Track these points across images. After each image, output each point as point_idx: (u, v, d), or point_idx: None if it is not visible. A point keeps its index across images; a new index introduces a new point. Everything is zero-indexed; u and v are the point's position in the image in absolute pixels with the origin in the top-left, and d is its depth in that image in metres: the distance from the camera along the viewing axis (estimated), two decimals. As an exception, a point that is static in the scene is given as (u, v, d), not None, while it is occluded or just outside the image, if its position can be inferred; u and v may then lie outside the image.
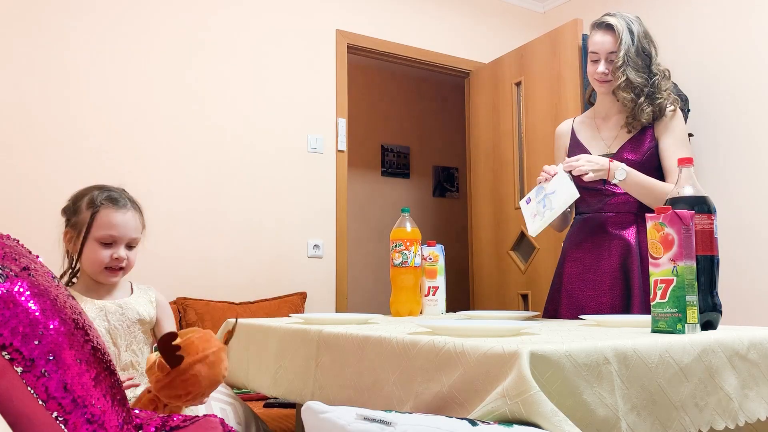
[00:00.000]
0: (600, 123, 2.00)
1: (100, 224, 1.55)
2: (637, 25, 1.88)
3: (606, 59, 1.87)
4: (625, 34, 1.84)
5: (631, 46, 1.84)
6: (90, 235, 1.55)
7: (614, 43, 1.85)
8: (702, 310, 1.21)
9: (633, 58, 1.83)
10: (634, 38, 1.85)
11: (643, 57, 1.86)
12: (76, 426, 0.82)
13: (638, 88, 1.85)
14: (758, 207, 3.13)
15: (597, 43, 1.89)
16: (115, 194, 1.62)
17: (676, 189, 1.29)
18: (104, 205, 1.57)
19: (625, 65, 1.83)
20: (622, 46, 1.83)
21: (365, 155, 5.34)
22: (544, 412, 0.82)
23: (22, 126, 2.71)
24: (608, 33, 1.87)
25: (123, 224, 1.58)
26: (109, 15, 2.94)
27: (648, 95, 1.86)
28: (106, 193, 1.60)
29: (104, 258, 1.55)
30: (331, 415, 0.81)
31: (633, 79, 1.83)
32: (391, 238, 1.86)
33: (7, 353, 0.81)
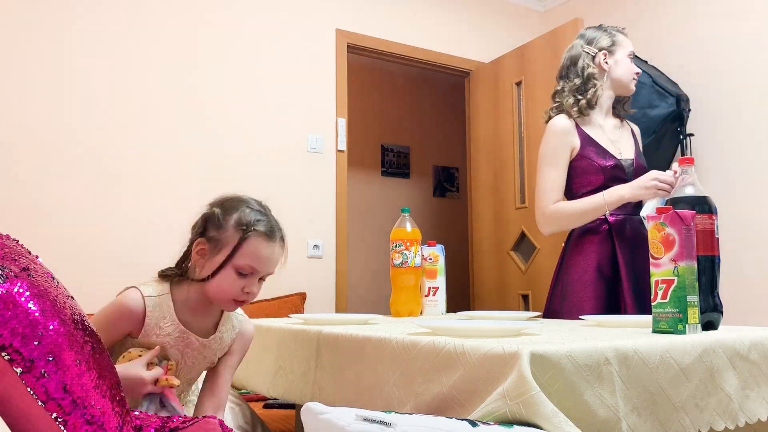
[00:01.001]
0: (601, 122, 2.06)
1: (246, 253, 1.35)
2: None
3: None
4: None
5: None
6: (231, 260, 1.35)
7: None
8: (703, 310, 1.21)
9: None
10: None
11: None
12: (76, 427, 0.82)
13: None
14: (759, 207, 3.13)
15: (629, 45, 2.08)
16: (269, 222, 1.43)
17: (677, 189, 1.29)
18: (256, 233, 1.38)
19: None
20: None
21: (365, 155, 5.34)
22: (545, 412, 0.82)
23: (21, 127, 2.71)
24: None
25: (269, 259, 1.39)
26: (109, 15, 2.94)
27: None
28: (259, 217, 1.42)
29: (237, 289, 1.34)
30: (330, 416, 0.81)
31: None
32: (391, 238, 1.86)
33: (6, 354, 0.81)
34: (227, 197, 1.49)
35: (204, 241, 1.39)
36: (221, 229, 1.38)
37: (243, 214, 1.41)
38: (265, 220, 1.42)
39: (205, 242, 1.39)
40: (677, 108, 3.27)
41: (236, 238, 1.36)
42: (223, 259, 1.35)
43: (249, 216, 1.40)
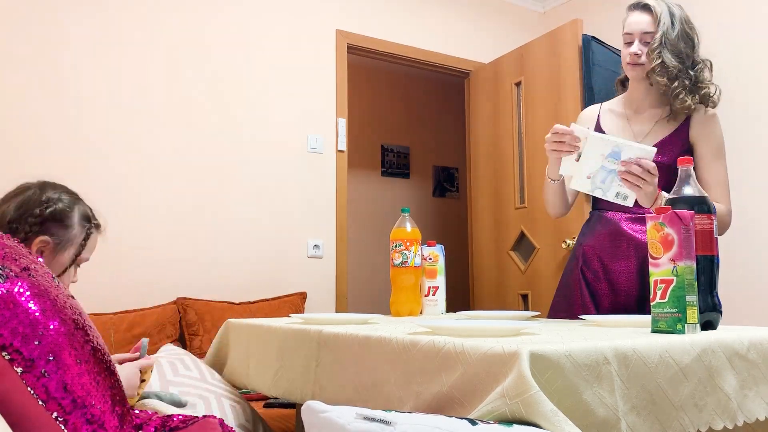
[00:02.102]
0: (631, 115, 1.85)
1: (89, 247, 1.41)
2: (680, 10, 1.74)
3: (640, 40, 1.73)
4: (664, 15, 1.70)
5: (670, 27, 1.70)
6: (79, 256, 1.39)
7: (651, 23, 1.71)
8: (702, 310, 1.21)
9: (672, 41, 1.70)
10: (675, 21, 1.71)
11: (685, 41, 1.72)
12: (76, 426, 0.83)
13: (674, 74, 1.70)
14: (758, 207, 3.13)
15: (631, 24, 1.75)
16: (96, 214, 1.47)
17: (676, 189, 1.29)
18: (96, 227, 1.43)
19: (661, 47, 1.69)
20: (660, 26, 1.70)
21: (365, 155, 5.34)
22: (544, 412, 0.82)
23: (24, 125, 2.71)
24: (645, 13, 1.74)
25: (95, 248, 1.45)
26: (110, 16, 2.94)
27: (690, 82, 1.72)
28: (91, 211, 1.45)
29: (72, 282, 1.39)
30: (330, 415, 0.81)
31: (669, 62, 1.69)
32: (391, 238, 1.86)
33: (7, 354, 0.81)
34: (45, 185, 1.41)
35: (47, 239, 1.34)
36: (69, 227, 1.36)
37: (82, 207, 1.40)
38: (92, 211, 1.43)
39: (49, 240, 1.34)
40: (677, 108, 3.27)
41: (83, 234, 1.37)
42: (73, 257, 1.36)
43: (86, 209, 1.41)
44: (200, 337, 2.78)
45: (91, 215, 1.44)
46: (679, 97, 1.70)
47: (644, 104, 1.82)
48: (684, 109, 1.72)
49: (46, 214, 1.35)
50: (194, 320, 2.81)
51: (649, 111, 1.82)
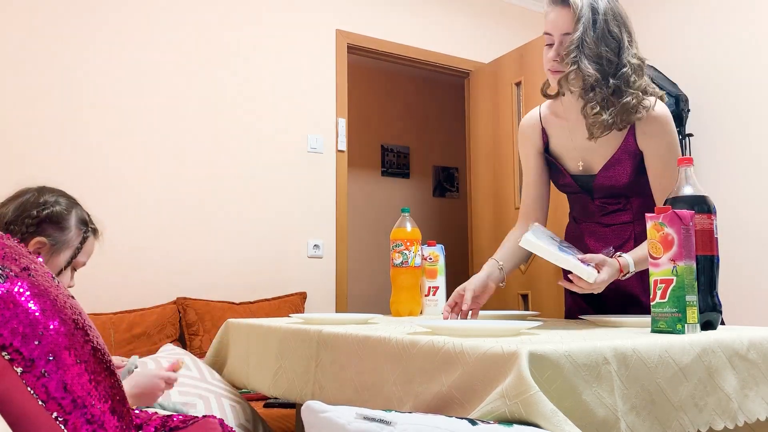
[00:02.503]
0: (573, 126, 1.60)
1: (86, 251, 1.42)
2: (605, 2, 1.46)
3: (561, 42, 1.48)
4: (585, 11, 1.44)
5: (590, 27, 1.44)
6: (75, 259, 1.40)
7: (570, 21, 1.45)
8: (702, 310, 1.21)
9: (591, 44, 1.43)
10: (597, 18, 1.44)
11: (608, 42, 1.45)
12: (76, 426, 0.83)
13: (590, 84, 1.45)
14: (757, 206, 3.13)
15: (550, 22, 1.49)
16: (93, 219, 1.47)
17: (676, 188, 1.29)
18: (93, 231, 1.44)
19: (578, 51, 1.44)
20: (579, 25, 1.43)
21: (365, 155, 5.34)
22: (544, 412, 0.82)
23: (25, 126, 2.71)
24: (564, 9, 1.47)
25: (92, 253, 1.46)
26: (111, 17, 2.94)
27: (611, 93, 1.47)
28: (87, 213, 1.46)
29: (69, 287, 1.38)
30: (330, 415, 0.81)
31: (585, 69, 1.43)
32: (391, 238, 1.86)
33: (7, 353, 0.81)
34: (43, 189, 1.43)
35: (44, 240, 1.35)
36: (65, 230, 1.38)
37: (79, 211, 1.41)
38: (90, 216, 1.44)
39: (45, 242, 1.35)
40: (676, 108, 3.28)
41: (79, 237, 1.38)
42: (69, 260, 1.37)
43: (83, 213, 1.42)
44: (200, 337, 2.78)
45: (88, 219, 1.45)
46: (593, 111, 1.47)
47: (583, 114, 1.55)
48: (601, 125, 1.48)
49: (43, 215, 1.36)
50: (194, 320, 2.81)
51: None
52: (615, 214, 1.63)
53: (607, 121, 1.47)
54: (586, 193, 1.66)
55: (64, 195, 1.46)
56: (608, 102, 1.47)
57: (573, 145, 1.62)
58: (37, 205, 1.37)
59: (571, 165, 1.65)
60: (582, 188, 1.65)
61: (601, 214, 1.66)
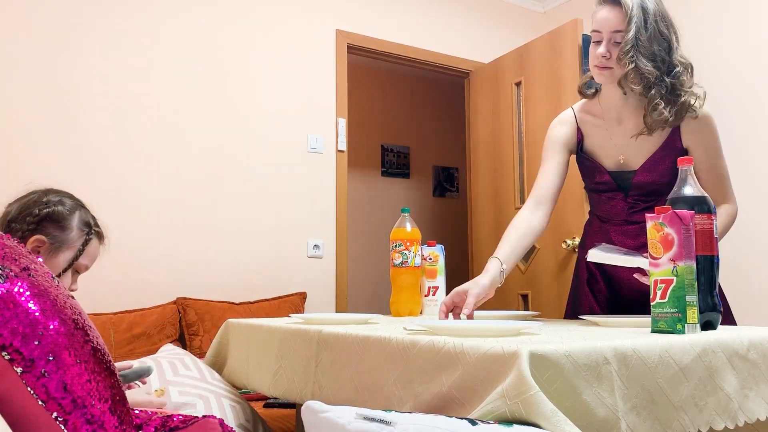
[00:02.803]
0: (611, 125, 1.66)
1: (89, 254, 1.41)
2: (654, 4, 1.52)
3: (609, 40, 1.52)
4: (636, 11, 1.49)
5: (643, 26, 1.49)
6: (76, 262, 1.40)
7: (621, 20, 1.50)
8: (702, 310, 1.21)
9: (645, 42, 1.49)
10: (648, 18, 1.50)
11: (659, 42, 1.51)
12: (76, 426, 0.83)
13: (650, 81, 1.50)
14: (758, 207, 3.13)
15: (599, 20, 1.54)
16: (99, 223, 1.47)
17: (676, 189, 1.29)
18: (96, 234, 1.43)
19: (634, 50, 1.48)
20: (631, 25, 1.48)
21: (365, 155, 5.34)
22: (544, 412, 0.82)
23: (25, 126, 2.71)
24: (615, 8, 1.52)
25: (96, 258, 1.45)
26: (112, 17, 2.94)
27: (667, 90, 1.52)
28: (93, 216, 1.45)
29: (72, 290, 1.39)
30: (330, 415, 0.81)
31: (643, 67, 1.49)
32: (391, 238, 1.86)
33: (7, 354, 0.81)
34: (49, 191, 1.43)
35: (43, 238, 1.35)
36: (66, 230, 1.37)
37: (83, 213, 1.41)
38: (96, 220, 1.44)
39: (44, 240, 1.35)
40: (677, 108, 3.27)
41: (81, 239, 1.38)
42: (69, 261, 1.36)
43: (88, 216, 1.41)
44: (200, 337, 2.78)
45: (92, 222, 1.44)
46: (658, 108, 1.52)
47: (624, 113, 1.63)
48: (661, 122, 1.53)
49: (43, 214, 1.36)
50: (194, 320, 2.81)
51: (631, 121, 1.62)
52: (643, 213, 1.62)
53: (668, 118, 1.52)
54: (621, 191, 1.68)
55: (70, 197, 1.46)
56: (667, 100, 1.52)
57: (612, 143, 1.66)
58: (40, 204, 1.38)
59: (608, 163, 1.68)
60: (618, 186, 1.68)
61: (631, 212, 1.67)
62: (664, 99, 1.52)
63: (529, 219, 1.67)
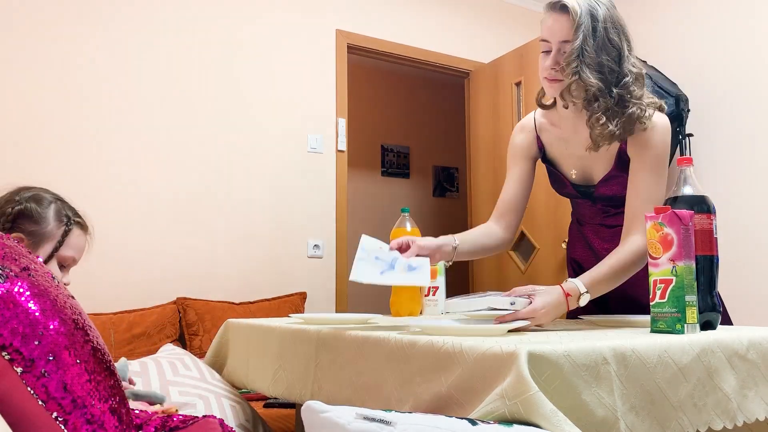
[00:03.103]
0: (570, 136, 1.59)
1: (70, 245, 1.38)
2: (605, 9, 1.41)
3: (558, 50, 1.43)
4: (584, 18, 1.38)
5: (591, 35, 1.38)
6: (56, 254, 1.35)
7: (569, 29, 1.40)
8: (701, 310, 1.21)
9: (591, 52, 1.38)
10: (597, 25, 1.39)
11: (608, 51, 1.40)
12: (76, 426, 0.83)
13: (593, 93, 1.40)
14: (757, 206, 3.13)
15: (547, 29, 1.44)
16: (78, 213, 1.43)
17: (675, 188, 1.29)
18: (77, 224, 1.40)
19: (578, 60, 1.38)
20: (579, 33, 1.38)
21: (365, 155, 5.34)
22: (544, 412, 0.82)
23: (24, 125, 2.71)
24: (563, 16, 1.41)
25: (83, 248, 1.41)
26: (112, 17, 2.94)
27: (614, 103, 1.41)
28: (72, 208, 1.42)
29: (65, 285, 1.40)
30: (330, 415, 0.81)
31: (587, 80, 1.38)
32: (391, 238, 1.86)
33: (7, 354, 0.81)
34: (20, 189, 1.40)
35: (20, 236, 1.32)
36: (42, 223, 1.35)
37: (59, 205, 1.38)
38: (76, 211, 1.41)
39: (23, 237, 1.33)
40: (676, 108, 3.27)
41: (60, 231, 1.35)
42: (48, 254, 1.34)
43: (65, 208, 1.39)
44: (200, 337, 2.78)
45: (70, 214, 1.41)
46: (600, 122, 1.42)
47: (579, 124, 1.53)
48: (606, 137, 1.43)
49: (15, 211, 1.34)
50: (194, 320, 2.81)
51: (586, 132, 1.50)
52: (617, 217, 1.62)
53: (614, 132, 1.42)
54: (588, 199, 1.67)
55: (45, 191, 1.42)
56: (613, 112, 1.42)
57: (568, 154, 1.61)
58: (12, 202, 1.36)
59: (570, 173, 1.64)
60: (584, 195, 1.66)
61: (605, 216, 1.67)
62: (609, 111, 1.42)
63: (491, 227, 1.69)
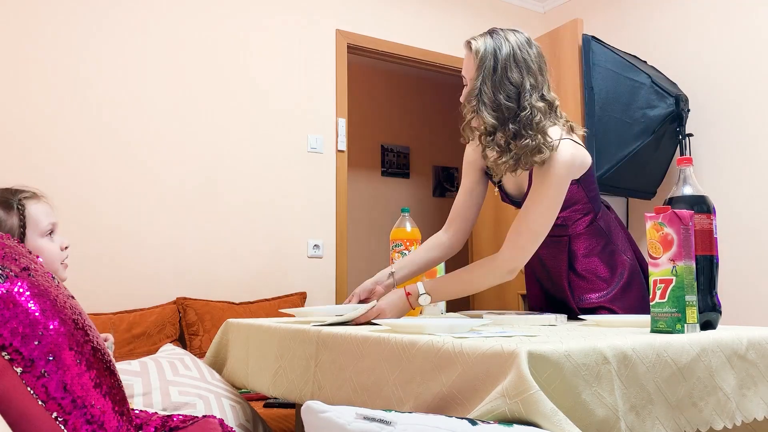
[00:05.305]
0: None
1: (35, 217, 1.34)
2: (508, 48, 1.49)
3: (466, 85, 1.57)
4: (486, 59, 1.49)
5: (490, 75, 1.48)
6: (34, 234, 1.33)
7: (473, 68, 1.52)
8: (701, 310, 1.22)
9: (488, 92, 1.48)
10: (497, 65, 1.47)
11: (506, 89, 1.47)
12: (76, 426, 0.83)
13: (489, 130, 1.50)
14: (757, 206, 3.13)
15: (463, 65, 1.58)
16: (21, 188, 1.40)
17: (675, 188, 1.29)
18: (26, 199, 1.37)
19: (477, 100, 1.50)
20: (479, 73, 1.49)
21: (365, 155, 5.34)
22: (544, 411, 0.82)
23: (24, 125, 2.71)
24: (470, 55, 1.54)
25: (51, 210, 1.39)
26: (113, 15, 2.94)
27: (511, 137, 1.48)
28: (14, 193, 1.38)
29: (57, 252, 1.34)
30: (330, 415, 0.81)
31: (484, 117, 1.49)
32: (391, 238, 1.86)
33: (7, 353, 0.81)
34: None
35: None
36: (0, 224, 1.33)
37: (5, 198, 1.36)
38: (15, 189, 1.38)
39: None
40: (676, 108, 3.27)
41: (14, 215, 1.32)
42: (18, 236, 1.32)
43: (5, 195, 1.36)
44: (200, 337, 2.78)
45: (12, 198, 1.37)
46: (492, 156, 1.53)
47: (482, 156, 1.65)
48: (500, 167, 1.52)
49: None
50: (194, 320, 2.81)
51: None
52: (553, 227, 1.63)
53: (508, 163, 1.50)
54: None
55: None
56: (508, 145, 1.49)
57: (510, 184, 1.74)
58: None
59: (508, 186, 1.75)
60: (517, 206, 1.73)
61: None
62: (504, 145, 1.49)
63: (439, 236, 1.79)
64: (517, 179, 1.67)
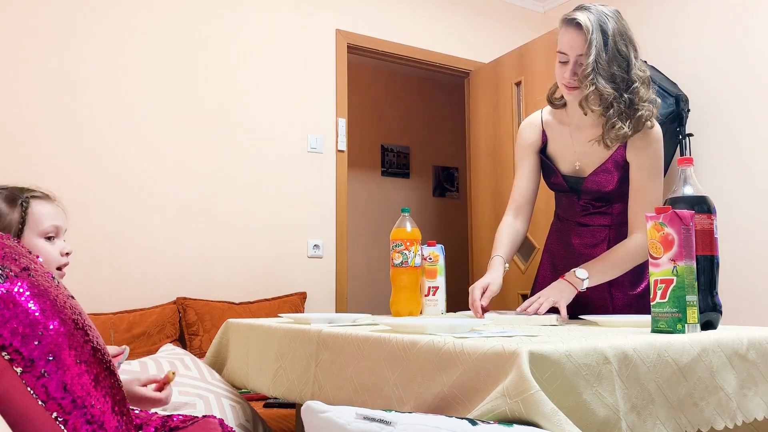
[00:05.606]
0: (574, 131, 1.74)
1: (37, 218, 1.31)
2: (614, 22, 1.56)
3: (576, 62, 1.59)
4: (595, 35, 1.54)
5: (602, 50, 1.54)
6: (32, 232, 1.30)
7: (583, 44, 1.56)
8: (702, 310, 1.21)
9: (604, 64, 1.54)
10: (607, 39, 1.55)
11: (618, 61, 1.56)
12: (76, 426, 0.82)
13: (609, 101, 1.57)
14: (757, 206, 3.13)
15: (565, 44, 1.61)
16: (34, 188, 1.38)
17: (676, 189, 1.29)
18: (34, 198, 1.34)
19: (594, 73, 1.54)
20: (592, 49, 1.54)
21: (365, 155, 5.34)
22: (545, 411, 0.82)
23: (23, 124, 2.71)
24: (578, 32, 1.57)
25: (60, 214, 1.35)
26: (113, 16, 2.94)
27: (626, 107, 1.58)
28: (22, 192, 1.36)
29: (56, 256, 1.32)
30: (330, 415, 0.81)
31: (603, 89, 1.55)
32: (391, 238, 1.86)
33: (6, 354, 0.81)
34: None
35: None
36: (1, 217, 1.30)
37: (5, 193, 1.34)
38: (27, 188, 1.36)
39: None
40: (676, 108, 3.27)
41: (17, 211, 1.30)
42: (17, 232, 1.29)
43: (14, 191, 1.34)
44: (200, 337, 2.78)
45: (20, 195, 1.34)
46: (616, 126, 1.58)
47: (584, 122, 1.70)
48: (621, 138, 1.60)
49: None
50: (194, 320, 2.81)
51: (590, 130, 1.69)
52: (595, 216, 1.76)
53: (627, 134, 1.59)
54: (574, 193, 1.79)
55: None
56: (625, 115, 1.58)
57: (572, 149, 1.75)
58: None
59: (565, 167, 1.78)
60: (570, 188, 1.78)
61: (583, 214, 1.78)
62: (623, 115, 1.59)
63: (514, 225, 1.89)
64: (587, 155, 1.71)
